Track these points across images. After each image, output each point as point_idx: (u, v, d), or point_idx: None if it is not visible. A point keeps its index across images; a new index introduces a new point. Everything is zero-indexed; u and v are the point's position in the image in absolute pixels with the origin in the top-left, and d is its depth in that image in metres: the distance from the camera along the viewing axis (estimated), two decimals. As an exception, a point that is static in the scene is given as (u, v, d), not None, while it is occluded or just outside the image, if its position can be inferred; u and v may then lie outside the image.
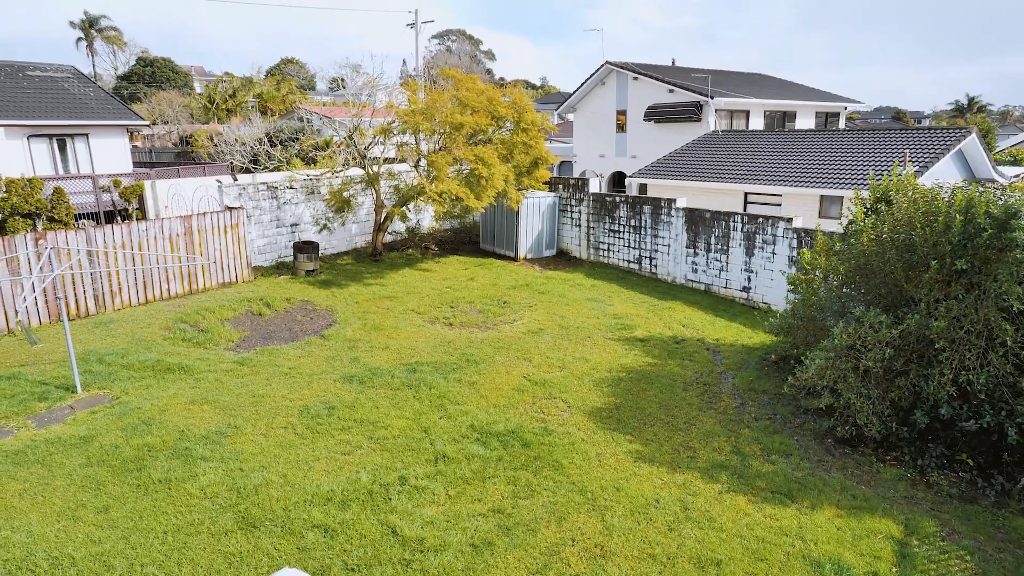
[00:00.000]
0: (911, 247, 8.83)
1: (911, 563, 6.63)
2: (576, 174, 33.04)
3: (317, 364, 11.86)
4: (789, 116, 30.04)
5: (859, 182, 17.16)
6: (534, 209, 21.33)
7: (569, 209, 21.97)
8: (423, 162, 18.92)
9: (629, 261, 20.04)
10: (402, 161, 20.63)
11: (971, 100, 69.31)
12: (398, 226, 22.34)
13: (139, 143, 44.41)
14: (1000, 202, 8.30)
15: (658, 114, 28.19)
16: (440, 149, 18.41)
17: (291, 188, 19.69)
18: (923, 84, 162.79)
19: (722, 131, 26.15)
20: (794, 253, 15.16)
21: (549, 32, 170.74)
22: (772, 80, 35.99)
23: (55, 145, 23.83)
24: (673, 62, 35.81)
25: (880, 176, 11.04)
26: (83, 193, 20.64)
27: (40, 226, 18.57)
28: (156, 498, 7.46)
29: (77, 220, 19.84)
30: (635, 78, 29.40)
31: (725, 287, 17.18)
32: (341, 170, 20.07)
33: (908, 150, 18.25)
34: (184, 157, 38.59)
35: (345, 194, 19.12)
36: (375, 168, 19.52)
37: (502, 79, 78.40)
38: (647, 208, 19.21)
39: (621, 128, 30.63)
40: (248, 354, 12.36)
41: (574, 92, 32.80)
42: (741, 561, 6.60)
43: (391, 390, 10.64)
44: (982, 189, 8.72)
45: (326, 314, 15.08)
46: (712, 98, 26.04)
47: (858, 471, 8.44)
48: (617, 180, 30.99)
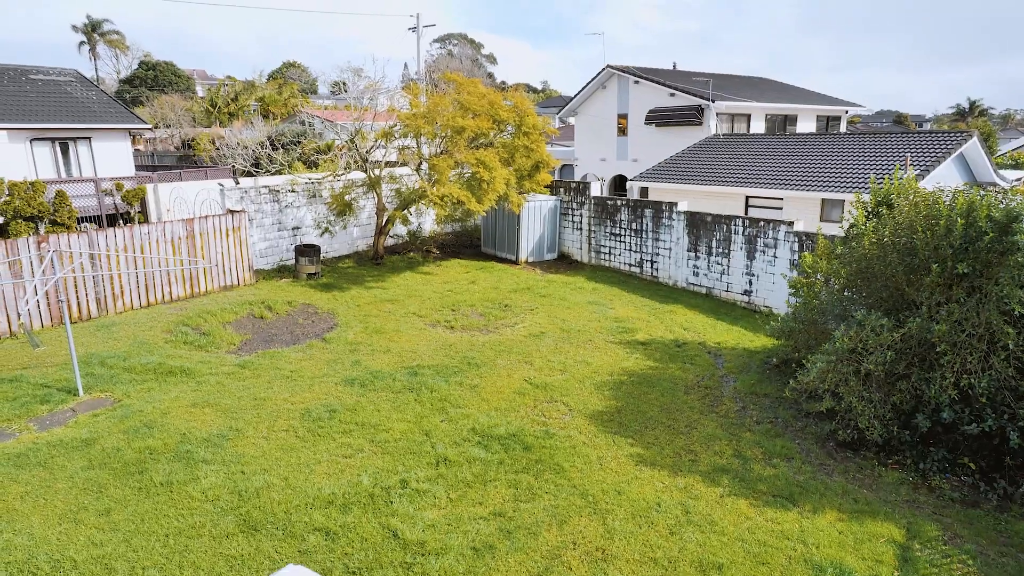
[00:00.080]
0: (912, 251, 8.83)
1: (913, 567, 6.62)
2: (577, 178, 33.07)
3: (318, 367, 11.87)
4: (790, 120, 30.05)
5: (860, 186, 17.16)
6: (535, 213, 21.35)
7: (570, 213, 21.99)
8: (424, 166, 18.96)
9: (630, 265, 20.05)
10: (403, 165, 20.66)
11: (972, 104, 69.38)
12: (399, 229, 22.37)
13: (141, 147, 44.53)
14: (1001, 206, 8.30)
15: (659, 118, 28.22)
16: (441, 153, 18.44)
17: (293, 192, 19.73)
18: (924, 88, 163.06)
19: (723, 135, 26.17)
20: (795, 257, 15.17)
21: (550, 36, 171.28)
22: (773, 84, 36.02)
23: (58, 148, 23.89)
24: (674, 66, 35.87)
25: (881, 180, 11.05)
26: (85, 196, 20.69)
27: (43, 229, 18.62)
28: (157, 501, 7.47)
29: (79, 223, 19.88)
30: (636, 82, 29.44)
31: (726, 291, 17.18)
32: (343, 174, 20.12)
33: (909, 154, 18.25)
34: (186, 161, 38.72)
35: (347, 197, 19.16)
36: (376, 172, 19.56)
37: (503, 83, 78.54)
38: (648, 212, 19.23)
39: (622, 132, 30.66)
40: (249, 357, 12.38)
41: (575, 96, 32.85)
42: (743, 565, 6.59)
43: (392, 393, 10.65)
44: (983, 193, 8.72)
45: (327, 317, 15.10)
46: (713, 102, 26.06)
47: (860, 475, 8.43)
48: (618, 184, 31.02)
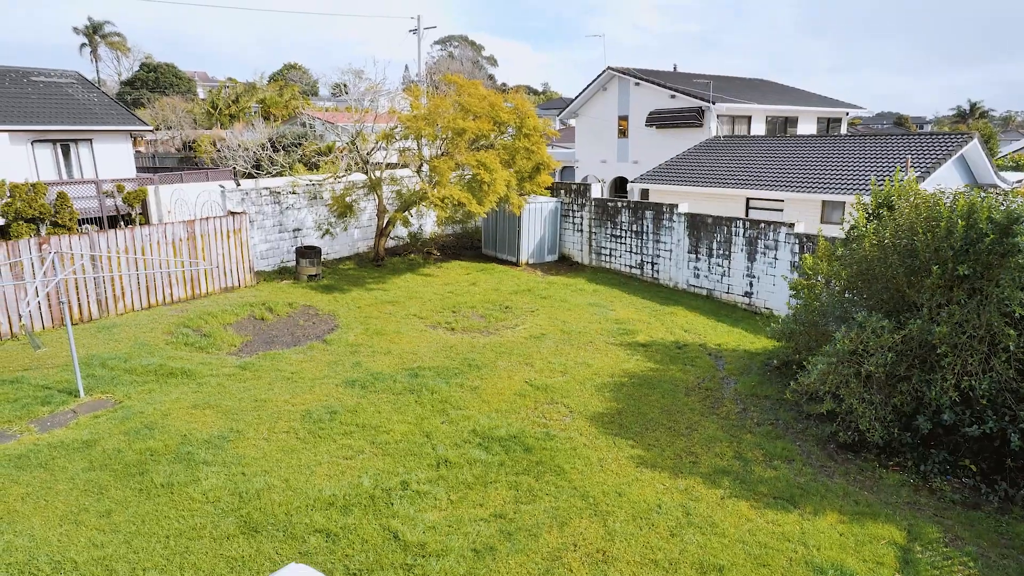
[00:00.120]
0: (913, 252, 8.83)
1: (914, 569, 6.62)
2: (578, 179, 33.07)
3: (319, 369, 11.88)
4: (791, 122, 30.06)
5: (861, 187, 17.16)
6: (536, 214, 21.36)
7: (571, 214, 22.00)
8: (425, 167, 18.97)
9: (631, 266, 20.05)
10: (404, 166, 20.68)
11: (973, 105, 69.37)
12: (400, 231, 22.39)
13: (142, 148, 44.60)
14: (1002, 207, 8.30)
15: (660, 120, 28.24)
16: (442, 154, 18.46)
17: (294, 193, 19.75)
18: (925, 90, 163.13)
19: (724, 136, 26.18)
20: (796, 258, 15.17)
21: (551, 38, 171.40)
22: (774, 86, 36.04)
23: (59, 150, 23.93)
24: (675, 68, 35.90)
25: (882, 181, 11.05)
26: (87, 198, 20.71)
27: (44, 231, 18.64)
28: (158, 502, 7.47)
29: (81, 225, 19.90)
30: (637, 84, 29.46)
31: (727, 292, 17.18)
32: (343, 175, 20.14)
33: (910, 155, 18.25)
34: (187, 162, 38.77)
35: (347, 199, 19.18)
36: (377, 173, 19.58)
37: (504, 85, 78.60)
38: (649, 213, 19.24)
39: (623, 133, 30.68)
40: (250, 359, 12.38)
41: (576, 97, 32.87)
42: (743, 567, 6.59)
43: (393, 395, 10.65)
44: (984, 194, 8.72)
45: (328, 319, 15.10)
46: (714, 104, 26.08)
47: (861, 477, 8.43)
48: (619, 185, 31.03)
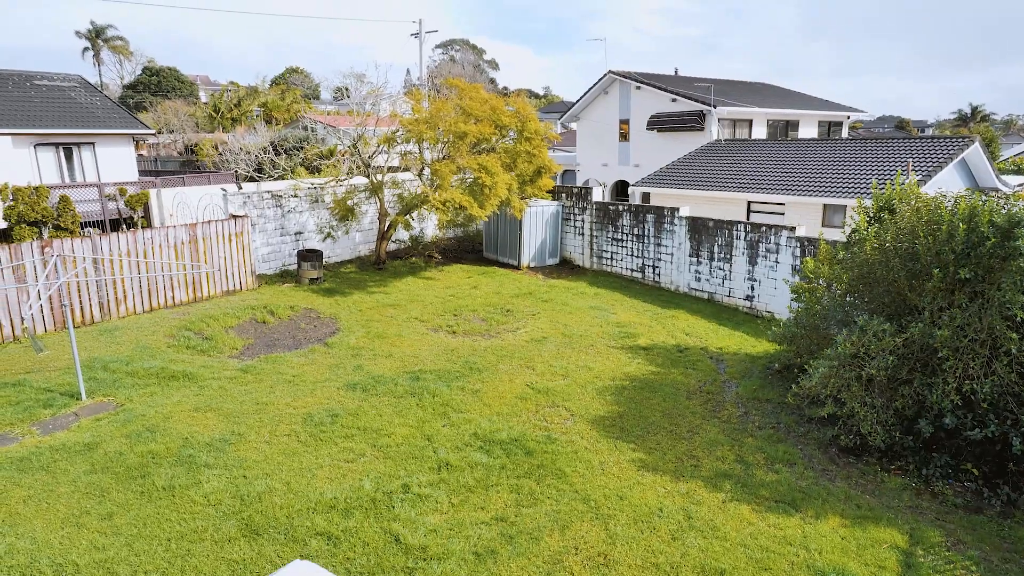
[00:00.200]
0: (914, 256, 8.84)
1: (916, 573, 6.60)
2: (579, 183, 33.12)
3: (321, 372, 11.89)
4: (792, 125, 30.10)
5: (862, 191, 17.18)
6: (537, 218, 21.38)
7: (572, 218, 22.02)
8: (427, 171, 19.00)
9: (632, 270, 20.06)
10: (406, 170, 20.72)
11: (974, 109, 69.44)
12: (402, 234, 22.41)
13: (145, 152, 44.70)
14: (1003, 211, 8.31)
15: (661, 123, 28.28)
16: (444, 158, 18.49)
17: (295, 197, 19.79)
18: (926, 93, 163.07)
19: (725, 140, 26.21)
20: (797, 262, 15.17)
21: (552, 42, 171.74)
22: (775, 89, 36.11)
23: (62, 154, 24.01)
24: (676, 71, 35.97)
25: (883, 185, 11.06)
26: (89, 201, 20.80)
27: (46, 234, 18.69)
28: (160, 505, 7.47)
29: (83, 228, 19.95)
30: (638, 87, 29.51)
31: (728, 296, 17.18)
32: (345, 179, 20.17)
33: (911, 159, 18.27)
34: (189, 166, 38.84)
35: (349, 203, 19.21)
36: (379, 177, 19.61)
37: (505, 88, 78.77)
38: (650, 217, 19.25)
39: (624, 137, 30.72)
40: (252, 362, 12.40)
41: (577, 101, 32.94)
42: (745, 571, 6.58)
43: (394, 398, 10.65)
44: (985, 198, 8.73)
45: (330, 322, 15.11)
46: (715, 107, 26.12)
47: (862, 480, 8.42)
48: (620, 189, 31.06)
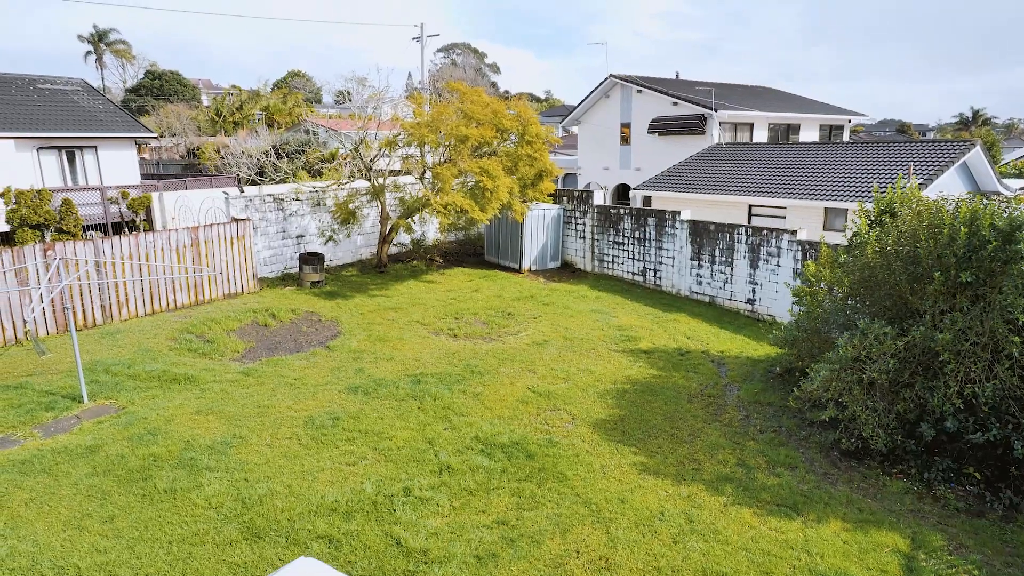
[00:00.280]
0: (916, 259, 8.84)
1: (918, 577, 6.59)
2: (580, 186, 33.14)
3: (322, 375, 11.89)
4: (793, 129, 30.10)
5: (863, 194, 17.18)
6: (538, 221, 21.40)
7: (573, 221, 22.04)
8: (428, 174, 19.04)
9: (633, 273, 20.06)
10: (407, 173, 20.76)
11: (976, 113, 69.40)
12: (403, 238, 22.44)
13: (147, 155, 44.81)
14: (1005, 214, 8.32)
15: (662, 127, 28.30)
16: (445, 161, 18.52)
17: (297, 200, 19.83)
18: (928, 97, 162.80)
19: (726, 144, 26.23)
20: (798, 265, 15.17)
21: (553, 45, 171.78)
22: (776, 93, 36.12)
23: (64, 157, 24.07)
24: (677, 75, 35.99)
25: (884, 188, 11.07)
26: (91, 205, 20.86)
27: (49, 237, 18.74)
28: (161, 508, 7.48)
29: (85, 231, 20.00)
30: (639, 91, 29.54)
31: (730, 299, 17.17)
32: (347, 182, 20.21)
33: (912, 163, 18.27)
34: (191, 169, 38.94)
35: (350, 206, 19.24)
36: (380, 180, 19.65)
37: (507, 92, 78.86)
38: (651, 220, 19.26)
39: (625, 140, 30.75)
40: (253, 365, 12.41)
41: (578, 105, 32.97)
42: (746, 574, 6.57)
43: (396, 401, 10.66)
44: (987, 201, 8.73)
45: (331, 325, 15.13)
46: (716, 111, 26.13)
47: (864, 484, 8.40)
48: (621, 192, 31.07)
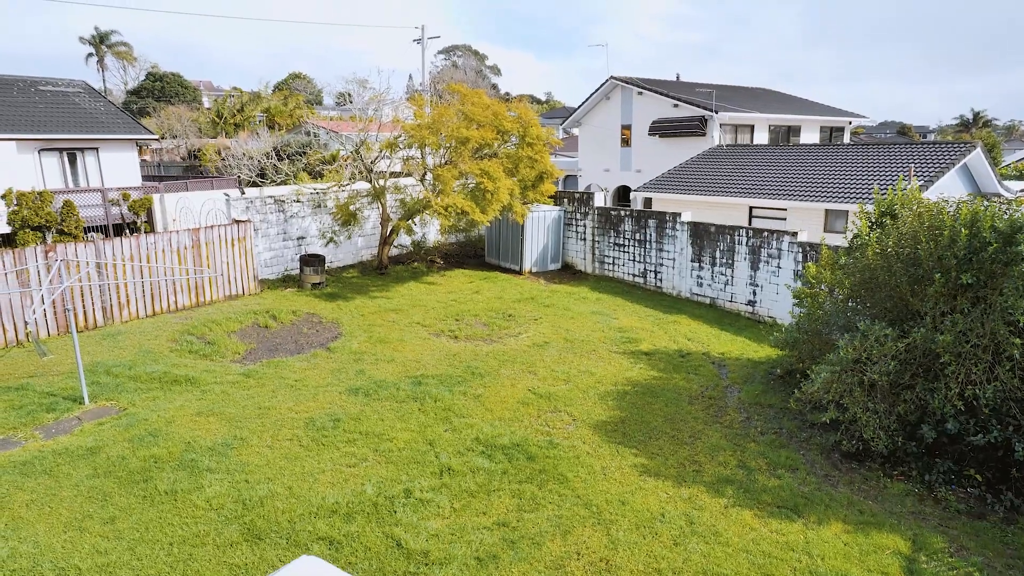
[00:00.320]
0: (916, 261, 8.84)
1: (919, 579, 6.58)
2: (581, 188, 33.15)
3: (323, 376, 11.90)
4: (794, 131, 30.11)
5: (864, 196, 17.17)
6: (539, 223, 21.41)
7: (574, 223, 22.04)
8: (429, 176, 19.06)
9: (634, 275, 20.07)
10: (408, 175, 20.78)
11: (976, 115, 69.40)
12: (404, 239, 22.44)
13: (148, 157, 44.89)
14: (1006, 216, 8.31)
15: (663, 128, 28.32)
16: (446, 163, 18.54)
17: (298, 202, 19.84)
18: (928, 99, 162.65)
19: (727, 145, 26.24)
20: (799, 267, 15.17)
21: (554, 47, 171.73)
22: (776, 95, 36.13)
23: (65, 159, 24.11)
24: (678, 77, 36.03)
25: (885, 190, 11.07)
26: (92, 206, 20.88)
27: (50, 239, 18.76)
28: (162, 509, 7.48)
29: (86, 233, 20.02)
30: (640, 93, 29.56)
31: (730, 301, 17.17)
32: (347, 184, 20.22)
33: (913, 164, 18.27)
34: (192, 171, 39.00)
35: (351, 208, 19.26)
36: (381, 182, 19.66)
37: (507, 94, 78.91)
38: (652, 222, 19.27)
39: (626, 142, 30.76)
40: (254, 366, 12.41)
41: (579, 107, 33.00)
42: (747, 576, 6.57)
43: (396, 403, 10.66)
44: (987, 203, 8.73)
45: (332, 327, 15.14)
46: (717, 113, 26.14)
47: (865, 486, 8.40)
48: (622, 194, 31.08)
